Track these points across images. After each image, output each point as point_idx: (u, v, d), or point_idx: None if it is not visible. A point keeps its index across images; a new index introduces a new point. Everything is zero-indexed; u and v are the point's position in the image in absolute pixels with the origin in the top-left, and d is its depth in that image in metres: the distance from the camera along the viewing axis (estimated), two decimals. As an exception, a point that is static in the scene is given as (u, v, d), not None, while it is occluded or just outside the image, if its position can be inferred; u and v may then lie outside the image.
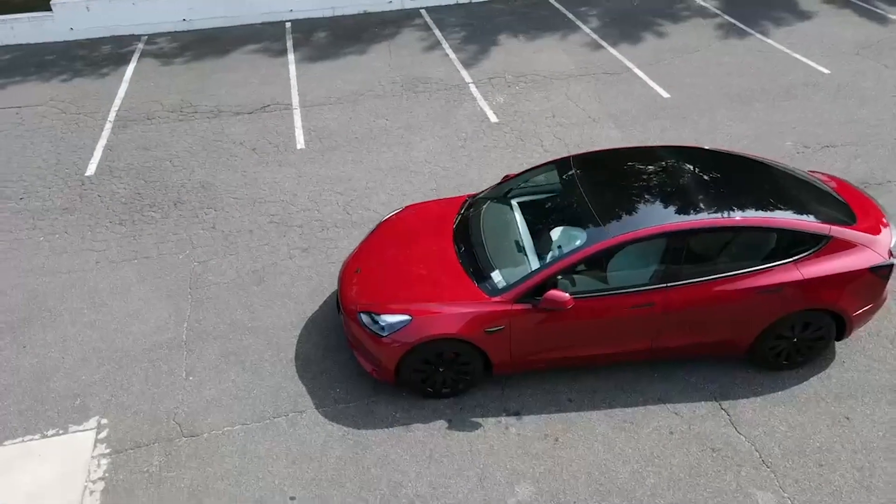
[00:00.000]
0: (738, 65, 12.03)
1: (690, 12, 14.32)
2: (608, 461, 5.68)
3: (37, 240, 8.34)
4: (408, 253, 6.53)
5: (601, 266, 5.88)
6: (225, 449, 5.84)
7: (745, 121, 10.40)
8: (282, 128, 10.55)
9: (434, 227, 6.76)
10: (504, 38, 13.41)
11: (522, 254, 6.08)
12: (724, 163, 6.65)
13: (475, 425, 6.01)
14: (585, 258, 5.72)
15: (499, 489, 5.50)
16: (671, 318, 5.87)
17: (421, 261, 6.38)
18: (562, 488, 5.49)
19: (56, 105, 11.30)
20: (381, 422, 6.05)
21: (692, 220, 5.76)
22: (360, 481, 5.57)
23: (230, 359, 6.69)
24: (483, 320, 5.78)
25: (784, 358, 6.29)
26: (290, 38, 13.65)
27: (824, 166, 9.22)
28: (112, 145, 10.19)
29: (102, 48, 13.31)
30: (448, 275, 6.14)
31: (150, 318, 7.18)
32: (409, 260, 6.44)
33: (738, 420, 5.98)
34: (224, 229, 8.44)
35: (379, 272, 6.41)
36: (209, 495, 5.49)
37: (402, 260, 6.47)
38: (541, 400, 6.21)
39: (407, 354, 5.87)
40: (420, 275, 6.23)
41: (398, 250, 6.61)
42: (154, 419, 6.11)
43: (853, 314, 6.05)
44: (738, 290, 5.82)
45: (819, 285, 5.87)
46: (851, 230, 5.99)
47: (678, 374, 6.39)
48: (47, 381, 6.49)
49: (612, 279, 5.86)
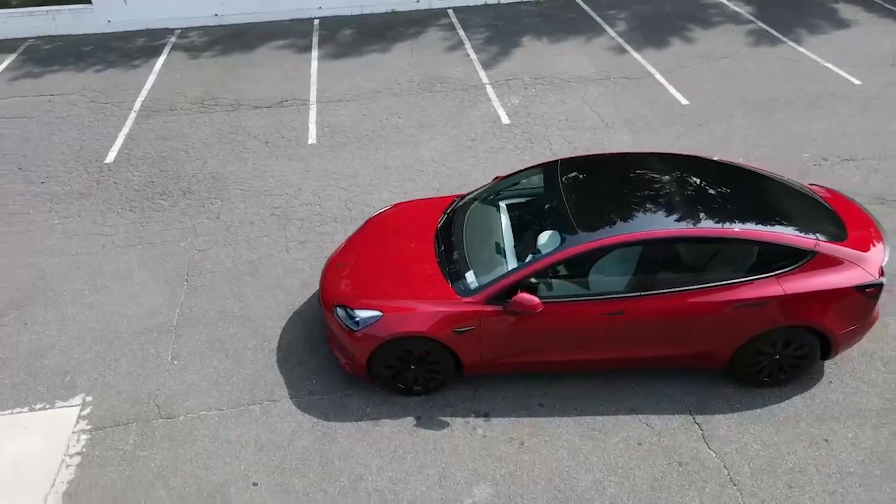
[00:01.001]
0: (764, 73, 11.71)
1: (723, 18, 13.99)
2: (571, 468, 5.64)
3: (52, 222, 8.71)
4: (390, 250, 6.60)
5: (573, 271, 5.84)
6: (198, 432, 6.01)
7: (764, 130, 10.12)
8: (296, 123, 10.74)
9: (419, 226, 6.80)
10: (527, 40, 13.35)
11: (501, 255, 6.07)
12: (713, 172, 6.52)
13: (443, 424, 6.03)
14: (555, 263, 5.68)
15: (457, 489, 5.51)
16: (643, 327, 5.78)
17: (401, 258, 6.44)
18: (520, 492, 5.47)
19: (86, 94, 11.75)
20: (351, 415, 6.13)
21: (667, 229, 5.66)
22: (323, 472, 5.66)
23: (215, 345, 6.86)
24: (453, 320, 5.80)
25: (766, 375, 6.12)
26: (316, 35, 13.88)
27: (839, 180, 8.91)
28: (133, 134, 10.55)
29: (137, 41, 13.77)
30: (424, 273, 6.17)
31: (146, 302, 7.42)
32: (389, 257, 6.50)
33: (710, 435, 5.85)
34: (227, 220, 8.66)
35: (359, 268, 6.50)
36: (176, 476, 5.65)
37: (383, 257, 6.53)
38: (512, 403, 6.19)
39: (377, 350, 5.93)
40: (398, 272, 6.29)
41: (381, 247, 6.68)
42: (135, 399, 6.33)
43: (838, 333, 5.85)
44: (713, 303, 5.69)
45: (801, 302, 5.69)
46: (840, 246, 5.79)
47: (656, 386, 6.28)
48: (42, 358, 6.78)
49: (584, 285, 5.80)
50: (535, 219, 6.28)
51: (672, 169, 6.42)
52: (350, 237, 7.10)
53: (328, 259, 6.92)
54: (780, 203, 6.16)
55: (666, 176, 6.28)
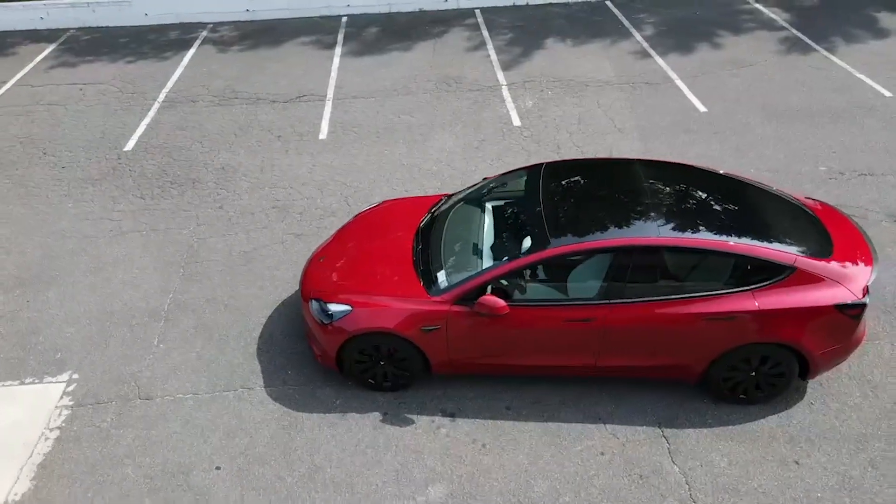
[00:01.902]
0: (790, 82, 11.35)
1: (755, 24, 13.62)
2: (529, 474, 5.60)
3: (66, 206, 9.07)
4: (370, 246, 6.66)
5: (543, 276, 5.80)
6: (171, 414, 6.19)
7: (782, 141, 9.82)
8: (310, 118, 10.92)
9: (402, 224, 6.84)
10: (550, 42, 13.25)
11: (475, 256, 6.07)
12: (697, 181, 6.37)
13: (408, 421, 6.06)
14: (522, 266, 5.66)
15: (412, 486, 5.54)
16: (612, 335, 5.70)
17: (379, 255, 6.49)
18: (475, 494, 5.46)
19: (116, 84, 12.19)
20: (321, 407, 6.22)
21: (637, 238, 5.56)
22: (284, 461, 5.76)
23: (200, 331, 7.05)
24: (420, 318, 5.83)
25: (741, 391, 5.95)
26: (342, 32, 14.07)
27: (853, 195, 8.59)
28: (154, 124, 10.89)
29: (170, 34, 14.20)
30: (399, 271, 6.22)
31: (142, 286, 7.67)
32: (368, 253, 6.57)
33: (676, 449, 5.73)
34: (230, 210, 8.87)
35: (339, 262, 6.58)
36: (145, 455, 5.84)
37: (363, 253, 6.60)
38: (479, 405, 6.18)
39: (346, 343, 6.01)
40: (374, 268, 6.35)
41: (363, 243, 6.75)
42: (118, 379, 6.55)
43: (817, 353, 5.65)
44: (684, 315, 5.57)
45: (776, 318, 5.52)
46: (821, 263, 5.60)
47: (627, 396, 6.18)
48: (38, 334, 7.08)
49: (554, 290, 5.75)
50: (512, 221, 6.25)
51: (656, 176, 6.30)
52: (336, 231, 7.20)
53: (313, 252, 7.03)
54: (764, 215, 5.98)
55: (648, 183, 6.16)
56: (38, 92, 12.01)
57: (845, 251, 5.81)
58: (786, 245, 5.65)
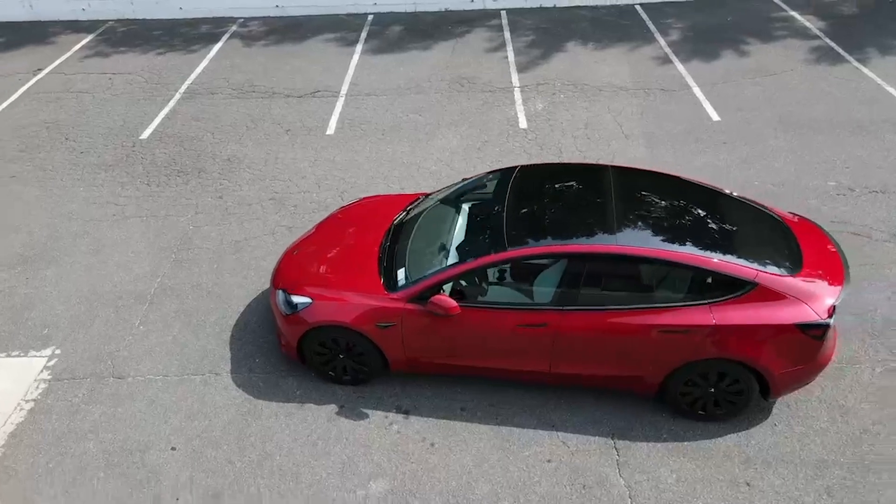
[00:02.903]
0: (814, 92, 10.95)
1: (787, 32, 13.17)
2: (472, 476, 5.59)
3: (77, 189, 9.47)
4: (342, 241, 6.76)
5: (498, 279, 5.78)
6: (139, 394, 6.42)
7: (794, 153, 9.49)
8: (320, 113, 11.10)
9: (376, 221, 6.91)
10: (571, 45, 13.11)
11: (437, 256, 6.09)
12: (671, 190, 6.23)
13: (362, 416, 6.13)
14: (476, 268, 5.65)
15: (355, 480, 5.60)
16: (565, 342, 5.63)
17: (349, 250, 6.58)
18: (415, 491, 5.49)
19: (143, 74, 12.63)
20: (281, 396, 6.34)
21: (593, 245, 5.48)
22: (237, 446, 5.90)
23: (180, 316, 7.27)
24: (375, 314, 5.89)
25: (700, 407, 5.80)
26: (366, 30, 14.23)
27: (860, 212, 8.25)
28: (172, 114, 11.26)
29: (202, 27, 14.62)
30: (363, 267, 6.28)
31: (134, 269, 7.95)
32: (339, 248, 6.66)
33: (625, 462, 5.63)
34: (229, 200, 9.11)
35: (310, 256, 6.69)
36: (108, 431, 6.07)
37: (334, 247, 6.70)
38: (435, 404, 6.20)
39: (307, 335, 6.12)
40: (341, 263, 6.44)
41: (336, 237, 6.85)
42: (96, 357, 6.82)
43: (776, 373, 5.47)
44: (638, 325, 5.47)
45: (733, 334, 5.36)
46: (785, 279, 5.41)
47: (585, 405, 6.10)
48: (30, 310, 7.43)
49: (507, 294, 5.73)
50: (476, 223, 6.24)
51: (628, 184, 6.19)
52: (315, 225, 7.32)
53: (289, 245, 7.17)
54: (731, 228, 5.82)
55: (617, 191, 6.05)
56: (70, 80, 12.55)
57: (815, 269, 5.60)
58: (749, 259, 5.48)
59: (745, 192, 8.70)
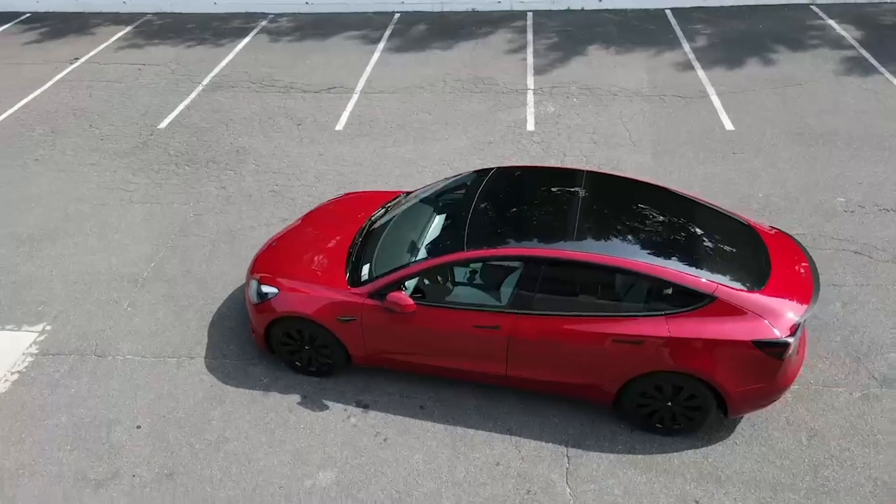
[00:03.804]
0: (837, 104, 10.55)
1: (820, 41, 12.71)
2: (419, 474, 5.61)
3: (92, 174, 9.87)
4: (318, 235, 6.86)
5: (458, 279, 5.78)
6: (116, 373, 6.66)
7: (806, 167, 9.17)
8: (332, 109, 11.27)
9: (355, 216, 7.00)
10: (593, 49, 12.95)
11: (403, 253, 6.12)
12: (643, 198, 6.12)
13: (322, 407, 6.22)
14: (434, 267, 5.67)
15: (305, 469, 5.69)
16: (519, 346, 5.60)
17: (323, 244, 6.68)
18: (361, 484, 5.55)
19: (171, 66, 13.06)
20: (248, 383, 6.49)
21: (550, 249, 5.43)
22: (198, 427, 6.07)
23: (167, 300, 7.51)
24: (336, 308, 5.97)
25: (658, 420, 5.69)
26: (390, 28, 14.36)
27: (865, 231, 7.92)
28: (192, 105, 11.61)
29: (233, 22, 15.02)
30: (333, 261, 6.37)
31: (132, 253, 8.25)
32: (314, 241, 6.77)
33: (575, 471, 5.56)
34: (231, 190, 9.35)
35: (286, 247, 6.82)
36: (80, 407, 6.32)
37: (310, 240, 6.81)
38: (395, 400, 6.24)
39: (272, 324, 6.25)
40: (313, 256, 6.54)
41: (314, 231, 6.97)
42: (82, 335, 7.11)
43: (733, 390, 5.31)
44: (591, 333, 5.39)
45: (687, 348, 5.24)
46: (746, 294, 5.25)
47: (544, 411, 6.05)
48: (30, 287, 7.79)
49: (463, 294, 5.74)
50: (444, 222, 6.25)
51: (599, 190, 6.11)
52: (298, 218, 7.45)
53: (271, 236, 7.32)
54: (697, 239, 5.68)
55: (586, 197, 5.98)
56: (103, 69, 13.07)
57: (782, 285, 5.42)
58: (710, 272, 5.34)
59: (748, 204, 8.52)
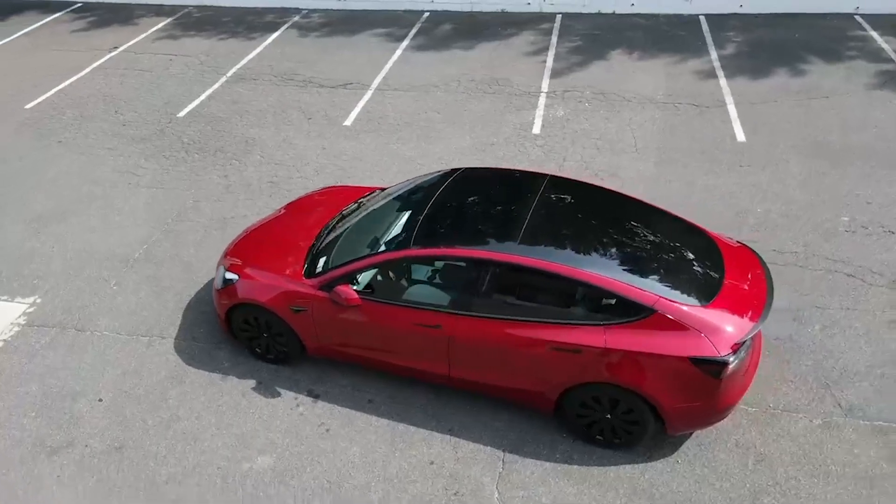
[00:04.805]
0: (863, 119, 10.06)
1: (858, 53, 12.12)
2: (354, 466, 5.67)
3: (108, 158, 10.31)
4: (291, 226, 7.01)
5: (405, 276, 5.81)
6: (91, 347, 6.96)
7: (815, 183, 8.78)
8: (344, 104, 11.43)
9: (328, 210, 7.10)
10: (616, 53, 12.72)
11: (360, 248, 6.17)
12: (600, 205, 6.01)
13: (275, 394, 6.35)
14: (379, 263, 5.74)
15: (246, 452, 5.83)
16: (459, 347, 5.58)
17: (291, 235, 6.81)
18: (295, 471, 5.65)
19: (200, 57, 13.50)
20: (209, 366, 6.68)
21: (490, 252, 5.40)
22: (154, 405, 6.29)
23: (151, 281, 7.80)
24: (289, 297, 6.10)
25: (598, 432, 5.57)
26: (417, 27, 14.45)
27: (863, 253, 7.54)
28: (213, 95, 11.98)
29: (267, 17, 15.40)
30: (296, 252, 6.49)
31: (128, 234, 8.59)
32: (284, 232, 6.93)
33: (507, 476, 5.51)
34: (232, 179, 9.61)
35: (258, 237, 6.99)
36: (52, 377, 6.64)
37: (281, 231, 6.97)
38: (345, 393, 6.32)
39: (231, 310, 6.42)
40: (279, 247, 6.68)
41: (288, 222, 7.12)
42: (67, 309, 7.46)
43: (670, 407, 5.16)
44: (529, 339, 5.33)
45: (623, 360, 5.13)
46: (687, 309, 5.09)
47: (487, 414, 6.01)
48: (30, 261, 8.21)
49: (410, 292, 5.76)
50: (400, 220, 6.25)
51: (556, 195, 6.01)
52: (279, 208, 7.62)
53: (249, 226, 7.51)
54: (649, 250, 5.53)
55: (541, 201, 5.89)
56: (138, 59, 13.62)
57: (730, 301, 5.24)
58: (655, 284, 5.20)
59: (744, 219, 8.24)
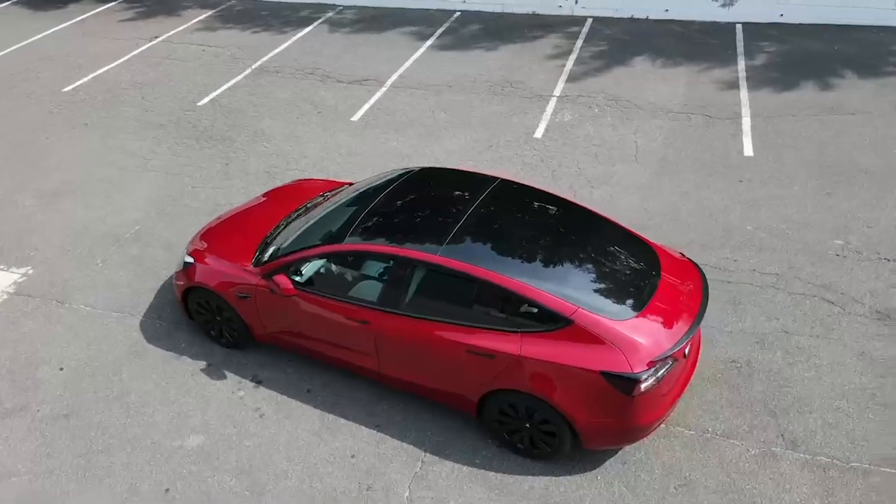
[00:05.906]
0: (884, 139, 9.48)
1: (894, 69, 11.42)
2: (277, 453, 5.79)
3: (125, 141, 10.80)
4: (256, 216, 7.20)
5: (340, 270, 5.89)
6: (66, 319, 7.33)
7: (815, 203, 8.35)
8: (356, 100, 11.59)
9: (295, 201, 7.24)
10: (639, 60, 12.40)
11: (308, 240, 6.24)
12: (542, 211, 5.92)
13: (221, 377, 6.54)
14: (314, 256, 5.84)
15: (180, 430, 6.03)
16: (385, 343, 5.61)
17: (254, 224, 6.99)
18: (220, 453, 5.81)
19: (231, 49, 13.95)
20: (167, 345, 6.93)
21: (415, 251, 5.41)
22: (107, 380, 6.58)
23: (136, 260, 8.14)
24: (235, 284, 6.26)
25: (519, 441, 5.49)
26: (445, 26, 14.48)
27: (850, 279, 7.14)
28: (235, 86, 12.37)
29: (302, 12, 15.76)
30: (252, 240, 6.65)
31: (125, 215, 8.99)
32: (248, 221, 7.12)
33: (423, 476, 5.51)
34: (233, 167, 9.92)
35: (224, 225, 7.20)
36: (25, 344, 7.03)
37: (246, 221, 7.17)
38: (288, 380, 6.44)
39: (186, 292, 6.65)
40: (239, 235, 6.88)
41: (255, 212, 7.31)
42: (53, 282, 7.88)
43: (582, 421, 5.04)
44: (449, 341, 5.31)
45: (536, 369, 5.04)
46: (606, 322, 4.95)
47: (421, 414, 6.01)
48: (33, 234, 8.71)
49: (343, 286, 5.84)
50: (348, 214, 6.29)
51: (499, 199, 5.94)
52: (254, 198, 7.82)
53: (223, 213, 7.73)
54: (580, 259, 5.40)
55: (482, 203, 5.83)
56: (175, 48, 14.19)
57: (655, 317, 5.07)
58: (578, 294, 5.08)
59: (730, 236, 7.96)
